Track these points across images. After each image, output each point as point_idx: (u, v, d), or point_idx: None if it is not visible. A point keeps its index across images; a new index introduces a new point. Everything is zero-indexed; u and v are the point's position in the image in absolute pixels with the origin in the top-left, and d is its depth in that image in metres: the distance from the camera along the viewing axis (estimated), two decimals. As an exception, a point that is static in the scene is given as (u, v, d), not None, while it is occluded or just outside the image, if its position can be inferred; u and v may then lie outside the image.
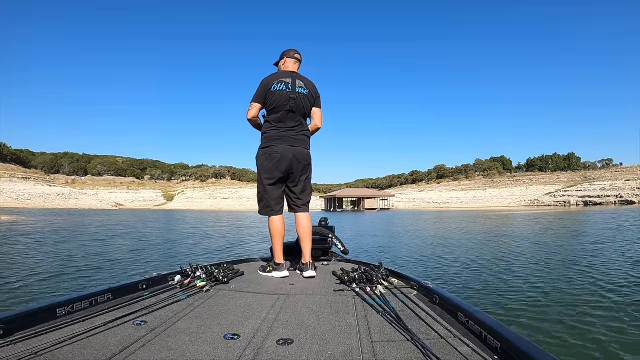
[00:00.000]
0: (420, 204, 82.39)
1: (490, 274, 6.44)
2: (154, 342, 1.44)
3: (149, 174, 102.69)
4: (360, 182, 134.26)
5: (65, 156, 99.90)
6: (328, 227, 3.65)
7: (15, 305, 4.50)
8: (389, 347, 1.41)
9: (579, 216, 27.77)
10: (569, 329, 3.66)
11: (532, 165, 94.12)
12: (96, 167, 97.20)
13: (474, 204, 75.24)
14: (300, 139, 2.95)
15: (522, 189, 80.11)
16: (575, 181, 77.45)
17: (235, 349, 1.38)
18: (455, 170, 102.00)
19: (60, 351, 1.30)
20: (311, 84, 3.06)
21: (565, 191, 71.09)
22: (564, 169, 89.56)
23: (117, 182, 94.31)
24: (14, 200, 60.20)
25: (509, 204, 72.91)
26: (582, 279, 5.88)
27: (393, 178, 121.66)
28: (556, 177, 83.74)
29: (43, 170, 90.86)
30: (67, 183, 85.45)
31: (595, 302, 4.56)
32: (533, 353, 1.12)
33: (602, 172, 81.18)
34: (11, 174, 72.53)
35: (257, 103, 2.93)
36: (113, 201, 76.22)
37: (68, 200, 67.48)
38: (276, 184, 2.95)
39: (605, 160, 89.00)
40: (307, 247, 2.91)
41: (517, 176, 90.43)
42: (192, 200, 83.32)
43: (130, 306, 1.87)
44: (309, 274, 2.75)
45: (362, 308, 1.92)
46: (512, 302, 4.64)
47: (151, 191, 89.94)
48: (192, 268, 2.53)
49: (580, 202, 64.29)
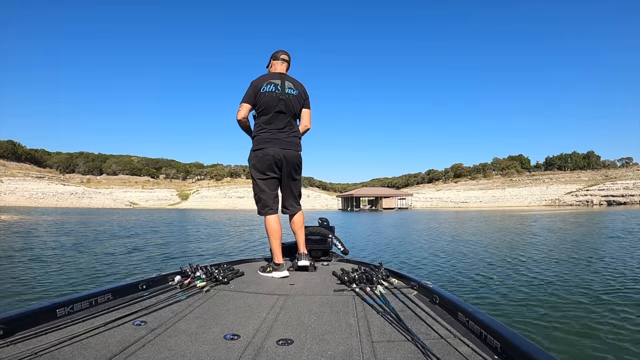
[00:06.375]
0: (438, 204, 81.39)
1: (491, 274, 6.49)
2: (153, 343, 1.44)
3: (164, 173, 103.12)
4: (375, 182, 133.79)
5: (80, 156, 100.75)
6: (328, 227, 3.68)
7: (15, 305, 4.49)
8: (389, 347, 1.41)
9: (609, 216, 27.02)
10: (569, 329, 3.70)
11: (550, 164, 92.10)
12: (111, 166, 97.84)
13: (493, 204, 74.04)
14: (291, 141, 3.00)
15: (542, 188, 78.70)
16: (596, 180, 75.71)
17: (235, 349, 1.38)
18: (473, 169, 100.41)
19: (60, 351, 1.30)
20: (300, 85, 3.10)
21: (587, 190, 69.59)
22: (583, 167, 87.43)
23: (132, 181, 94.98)
24: (27, 199, 60.80)
25: (529, 203, 71.64)
26: (583, 279, 5.92)
27: (409, 177, 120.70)
28: (576, 176, 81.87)
29: (58, 169, 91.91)
30: (82, 182, 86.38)
31: (595, 302, 4.60)
32: (533, 353, 1.12)
33: (623, 170, 79.13)
34: (25, 173, 73.43)
35: (246, 104, 2.96)
36: (127, 200, 76.67)
37: (81, 199, 67.92)
38: (271, 184, 3.01)
39: (624, 159, 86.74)
40: (301, 239, 3.02)
41: (536, 175, 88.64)
42: (206, 199, 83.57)
43: (130, 306, 1.86)
44: (303, 262, 2.86)
45: (362, 308, 1.91)
46: (512, 302, 4.71)
47: (166, 190, 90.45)
48: (192, 268, 2.50)
49: (603, 202, 62.93)
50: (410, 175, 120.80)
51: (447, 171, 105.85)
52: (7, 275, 6.26)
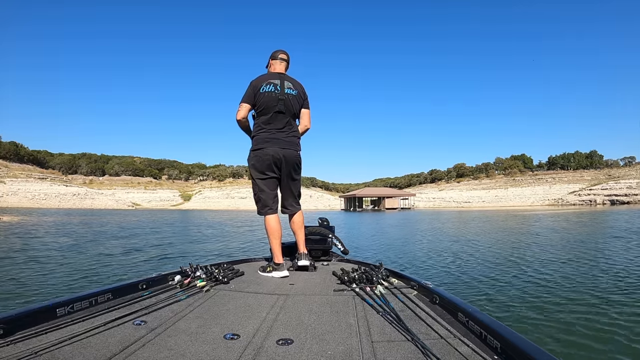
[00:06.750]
0: (440, 204, 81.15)
1: (491, 274, 6.46)
2: (153, 342, 1.44)
3: (167, 174, 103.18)
4: (378, 182, 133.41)
5: (83, 157, 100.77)
6: (328, 227, 3.68)
7: (15, 305, 4.47)
8: (389, 347, 1.41)
9: (612, 216, 26.85)
10: (569, 329, 3.68)
11: (553, 164, 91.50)
12: (114, 167, 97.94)
13: (496, 203, 73.75)
14: (290, 141, 3.00)
15: (545, 187, 78.36)
16: (599, 179, 75.25)
17: (235, 349, 1.39)
18: (476, 169, 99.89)
19: (60, 351, 1.31)
20: (299, 85, 3.10)
21: (590, 190, 69.18)
22: (586, 167, 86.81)
23: (134, 182, 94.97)
24: (29, 200, 60.75)
25: (532, 203, 71.37)
26: (585, 279, 5.88)
27: (412, 177, 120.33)
28: (579, 176, 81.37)
29: (61, 170, 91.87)
30: (84, 183, 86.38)
31: (596, 303, 4.58)
32: (533, 353, 1.12)
33: (626, 170, 78.50)
34: (27, 175, 73.33)
35: (246, 104, 2.96)
36: (130, 201, 76.69)
37: (84, 200, 67.88)
38: (270, 184, 3.02)
39: (627, 158, 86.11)
40: (300, 239, 3.03)
41: (538, 174, 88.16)
42: (209, 200, 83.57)
43: (130, 306, 1.86)
44: (303, 262, 2.87)
45: (362, 308, 1.91)
46: (512, 302, 4.69)
47: (168, 191, 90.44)
48: (192, 268, 2.50)
49: (606, 201, 62.56)
50: (413, 175, 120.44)
51: (449, 171, 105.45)
52: (7, 276, 6.25)
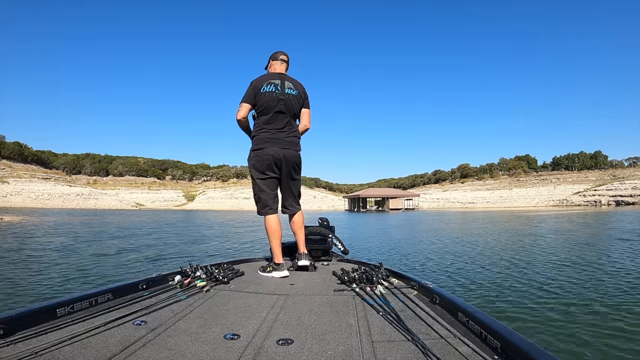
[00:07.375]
0: (444, 204, 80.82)
1: (492, 274, 6.46)
2: (154, 342, 1.45)
3: (170, 174, 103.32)
4: (382, 182, 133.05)
5: (87, 157, 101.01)
6: (328, 227, 3.68)
7: (15, 305, 4.47)
8: (389, 347, 1.41)
9: (617, 217, 26.67)
10: (569, 329, 3.68)
11: (558, 164, 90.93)
12: (117, 167, 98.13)
13: (501, 204, 73.36)
14: (290, 141, 3.01)
15: (549, 188, 77.87)
16: (604, 180, 74.78)
17: (235, 349, 1.39)
18: (480, 170, 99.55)
19: (60, 351, 1.31)
20: (300, 85, 3.11)
21: (595, 190, 68.70)
22: (591, 167, 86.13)
23: (138, 182, 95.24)
24: (33, 200, 60.91)
25: (536, 203, 70.97)
26: (585, 280, 5.87)
27: (415, 178, 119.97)
28: (584, 176, 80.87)
29: (64, 171, 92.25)
30: (88, 183, 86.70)
31: (596, 303, 4.57)
32: (533, 353, 1.12)
33: (631, 170, 77.97)
34: (31, 175, 73.59)
35: (246, 104, 2.96)
36: (133, 201, 76.81)
37: (87, 201, 68.04)
38: (270, 184, 3.02)
39: (632, 159, 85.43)
40: (300, 239, 3.03)
41: (543, 175, 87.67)
42: (213, 200, 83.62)
43: (130, 306, 1.87)
44: (303, 262, 2.87)
45: (362, 308, 1.91)
46: (512, 302, 4.69)
47: (172, 191, 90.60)
48: (192, 268, 2.50)
49: (611, 202, 62.13)
50: (417, 176, 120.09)
51: (453, 171, 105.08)
52: (7, 276, 6.26)
